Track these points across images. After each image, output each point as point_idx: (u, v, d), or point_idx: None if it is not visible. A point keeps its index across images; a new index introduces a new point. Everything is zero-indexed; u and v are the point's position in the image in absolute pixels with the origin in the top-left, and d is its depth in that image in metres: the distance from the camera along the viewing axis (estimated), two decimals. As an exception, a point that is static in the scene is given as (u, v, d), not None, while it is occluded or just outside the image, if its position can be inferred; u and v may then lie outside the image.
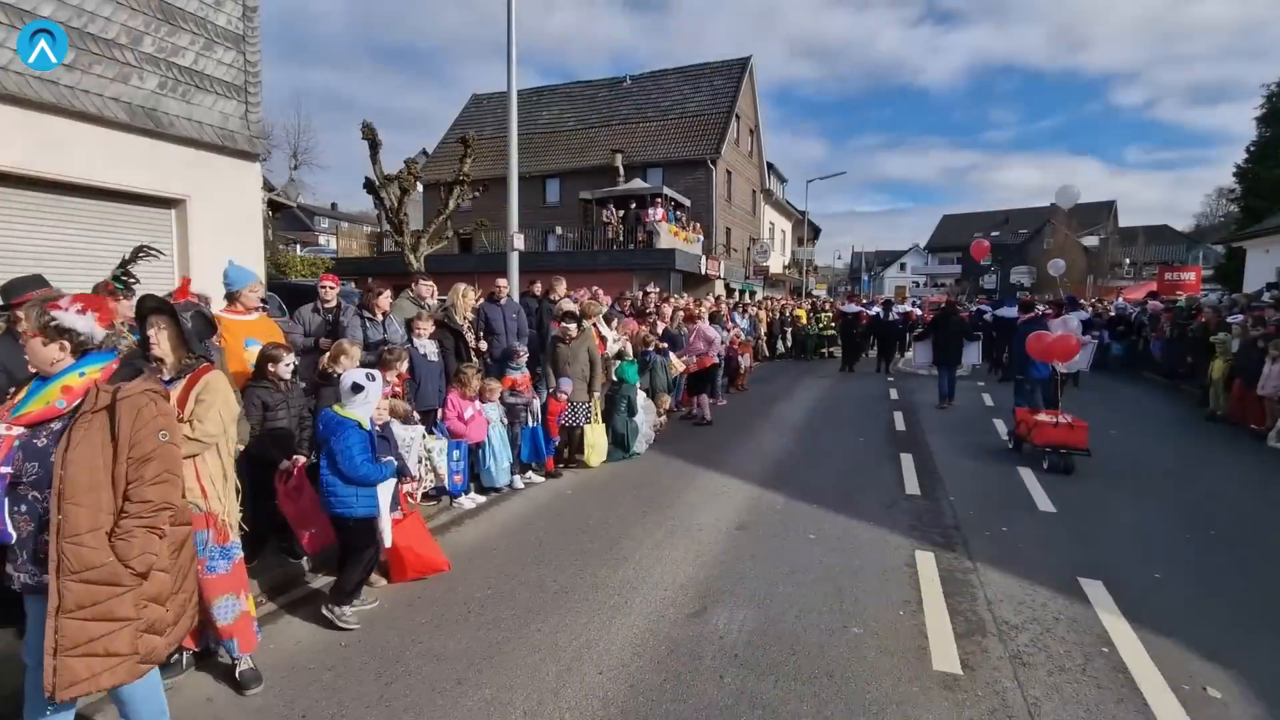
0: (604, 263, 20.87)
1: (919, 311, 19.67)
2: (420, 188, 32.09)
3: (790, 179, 40.55)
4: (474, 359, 6.34)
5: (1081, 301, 18.22)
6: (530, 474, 6.59)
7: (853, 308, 18.60)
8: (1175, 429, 9.67)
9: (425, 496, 5.48)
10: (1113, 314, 17.21)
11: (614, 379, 7.88)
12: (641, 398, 8.14)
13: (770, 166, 34.32)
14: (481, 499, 5.93)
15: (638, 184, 23.44)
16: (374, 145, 14.54)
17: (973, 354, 12.62)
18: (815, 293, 44.77)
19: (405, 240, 15.50)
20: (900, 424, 9.51)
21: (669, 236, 21.25)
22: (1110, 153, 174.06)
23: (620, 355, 8.74)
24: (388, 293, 5.72)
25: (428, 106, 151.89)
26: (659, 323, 10.56)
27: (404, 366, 5.01)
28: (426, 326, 5.41)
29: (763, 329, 19.50)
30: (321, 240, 40.77)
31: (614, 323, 9.59)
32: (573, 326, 6.96)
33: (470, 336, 6.14)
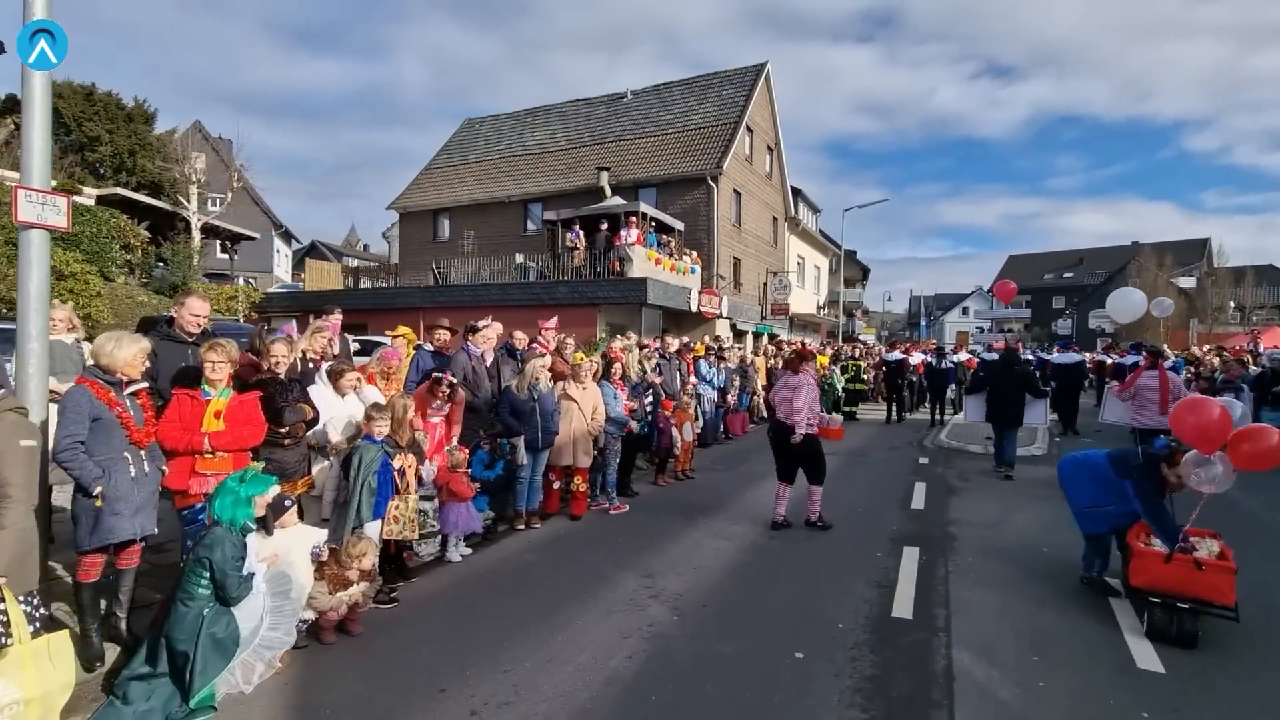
0: (563, 295, 16.72)
1: (983, 357, 16.05)
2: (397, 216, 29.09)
3: (841, 223, 35.89)
4: None
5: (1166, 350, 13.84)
6: None
7: (896, 355, 15.97)
8: None
9: None
10: (1262, 368, 11.77)
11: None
12: (279, 554, 3.68)
13: (798, 192, 29.83)
14: None
15: (617, 202, 19.35)
16: None
17: (1038, 414, 9.56)
18: (862, 338, 39.62)
19: None
20: (905, 594, 4.66)
21: (646, 263, 16.94)
22: (1188, 198, 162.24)
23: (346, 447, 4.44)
24: None
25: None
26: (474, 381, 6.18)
27: None
28: None
29: (759, 382, 14.86)
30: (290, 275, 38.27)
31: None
32: None
33: None
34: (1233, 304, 39.95)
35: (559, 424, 6.51)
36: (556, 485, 6.78)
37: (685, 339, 12.29)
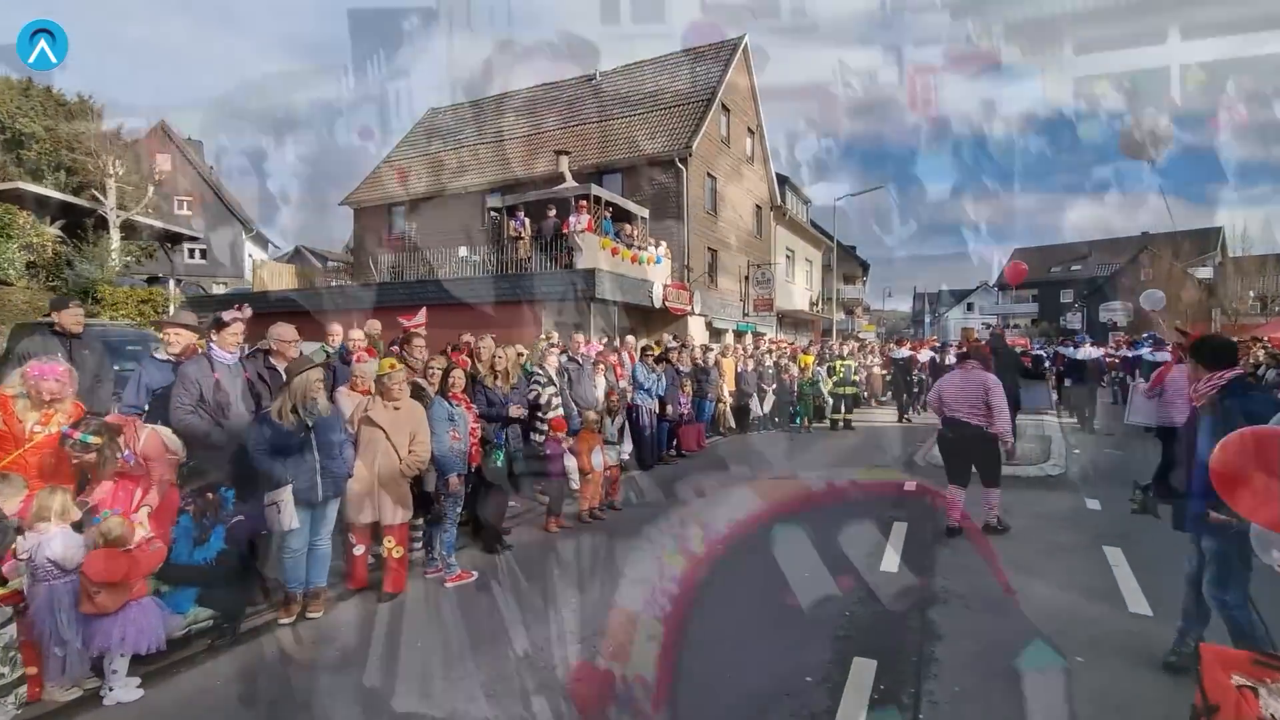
0: (505, 291, 14.62)
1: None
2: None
3: (833, 215, 33.73)
4: None
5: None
6: None
7: (904, 352, 15.95)
8: None
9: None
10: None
11: None
12: None
13: (784, 180, 27.67)
14: None
15: (570, 185, 17.28)
16: None
17: (1040, 396, 10.06)
18: (862, 336, 37.46)
19: None
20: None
21: (599, 253, 14.85)
22: (1194, 190, 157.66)
23: None
24: None
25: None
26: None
27: None
28: None
29: (725, 387, 12.77)
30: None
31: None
32: None
33: None
34: (1252, 294, 37.62)
35: (352, 462, 4.43)
36: (359, 550, 4.68)
37: (614, 340, 10.18)
